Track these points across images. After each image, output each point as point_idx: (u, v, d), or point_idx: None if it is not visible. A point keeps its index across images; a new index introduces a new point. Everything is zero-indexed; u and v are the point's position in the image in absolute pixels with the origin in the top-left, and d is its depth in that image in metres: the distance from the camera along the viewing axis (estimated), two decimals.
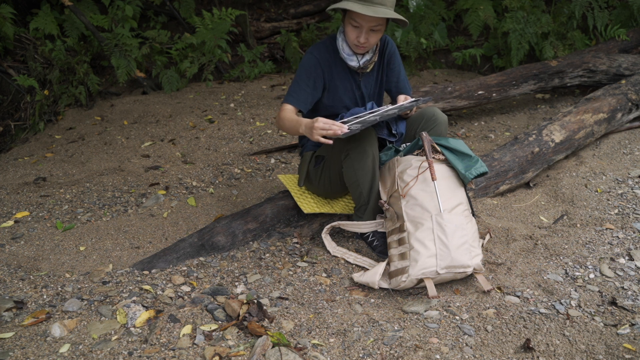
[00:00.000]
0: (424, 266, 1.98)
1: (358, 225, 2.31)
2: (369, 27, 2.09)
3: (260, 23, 5.66)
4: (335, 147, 2.20)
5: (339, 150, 2.19)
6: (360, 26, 2.09)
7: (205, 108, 4.31)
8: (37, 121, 4.32)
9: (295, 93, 2.22)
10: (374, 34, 2.12)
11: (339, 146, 2.18)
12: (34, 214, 2.79)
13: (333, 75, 2.26)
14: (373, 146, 2.15)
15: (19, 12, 4.82)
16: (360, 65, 2.24)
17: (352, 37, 2.14)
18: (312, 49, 2.25)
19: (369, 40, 2.12)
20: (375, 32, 2.12)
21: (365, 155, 2.14)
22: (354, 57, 2.23)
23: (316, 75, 2.22)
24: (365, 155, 2.14)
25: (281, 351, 1.64)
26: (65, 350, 1.71)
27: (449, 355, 1.72)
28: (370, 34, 2.11)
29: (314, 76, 2.22)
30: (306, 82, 2.22)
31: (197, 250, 2.31)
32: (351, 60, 2.23)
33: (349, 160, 2.16)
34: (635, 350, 1.71)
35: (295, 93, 2.21)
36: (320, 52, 2.23)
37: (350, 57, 2.22)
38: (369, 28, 2.09)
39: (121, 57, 4.61)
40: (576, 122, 3.15)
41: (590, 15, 4.53)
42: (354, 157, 2.14)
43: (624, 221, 2.46)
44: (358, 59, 2.23)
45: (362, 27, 2.09)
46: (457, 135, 3.74)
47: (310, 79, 2.22)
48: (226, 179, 3.18)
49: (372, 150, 2.14)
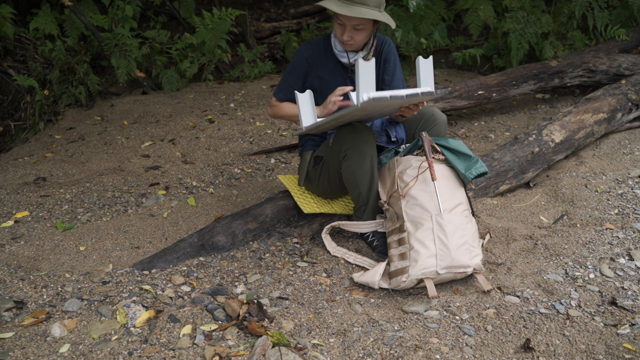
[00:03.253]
0: (424, 266, 1.98)
1: (358, 225, 2.31)
2: (351, 26, 2.12)
3: (260, 23, 5.66)
4: (334, 148, 2.21)
5: (337, 151, 2.20)
6: (344, 24, 2.13)
7: (205, 108, 4.31)
8: (37, 121, 4.32)
9: (284, 88, 2.33)
10: (358, 32, 2.15)
11: (337, 147, 2.19)
12: (34, 214, 2.79)
13: (325, 71, 2.30)
14: (371, 146, 2.16)
15: (19, 12, 4.82)
16: (350, 62, 2.28)
17: (338, 34, 2.19)
18: (302, 47, 2.32)
19: (353, 38, 2.16)
20: (359, 30, 2.14)
21: (363, 155, 2.14)
22: (344, 54, 2.27)
23: (303, 72, 2.30)
24: (363, 155, 2.14)
25: (281, 351, 1.64)
26: (65, 350, 1.71)
27: (449, 355, 1.72)
28: (354, 32, 2.14)
29: (301, 73, 2.30)
30: (294, 78, 2.31)
31: (197, 250, 2.31)
32: (342, 57, 2.28)
33: (347, 160, 2.17)
34: (635, 350, 1.71)
35: (285, 88, 2.32)
36: (309, 50, 2.29)
37: (341, 53, 2.28)
38: (352, 26, 2.12)
39: (121, 57, 4.61)
40: (576, 122, 3.15)
41: (590, 15, 4.53)
42: (352, 157, 2.15)
43: (624, 221, 2.46)
44: (348, 56, 2.27)
45: (345, 26, 2.13)
46: (457, 135, 3.74)
47: (299, 76, 2.31)
48: (226, 179, 3.18)
49: (370, 150, 2.15)
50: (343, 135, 2.17)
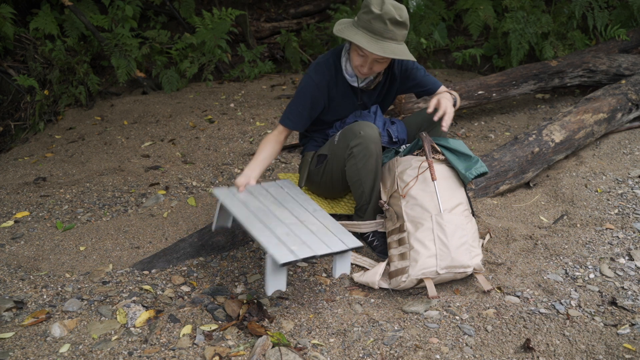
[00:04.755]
0: (424, 266, 1.98)
1: (358, 226, 2.31)
2: (373, 59, 2.05)
3: (260, 23, 5.66)
4: (340, 146, 2.20)
5: (343, 148, 2.18)
6: (365, 56, 2.04)
7: (205, 108, 4.31)
8: (37, 121, 4.32)
9: (291, 115, 2.20)
10: (379, 64, 2.08)
11: (343, 144, 2.17)
12: (34, 214, 2.79)
13: (335, 94, 2.23)
14: (377, 145, 2.13)
15: (19, 12, 4.82)
16: (360, 87, 2.22)
17: (356, 63, 2.10)
18: (312, 71, 2.19)
19: (372, 69, 2.09)
20: (381, 63, 2.07)
21: (369, 153, 2.12)
22: (355, 79, 2.19)
23: (313, 99, 2.19)
24: (369, 153, 2.12)
25: (281, 351, 1.64)
26: (65, 350, 1.71)
27: (449, 355, 1.72)
28: (375, 64, 2.07)
29: (310, 100, 2.18)
30: (303, 105, 2.19)
31: (197, 250, 2.31)
32: (352, 81, 2.20)
33: (353, 158, 2.15)
34: (635, 350, 1.71)
35: (292, 115, 2.20)
36: (319, 75, 2.17)
37: (352, 77, 2.19)
38: (374, 59, 2.05)
39: (121, 57, 4.61)
40: (576, 122, 3.15)
41: (590, 15, 4.53)
42: (358, 155, 2.13)
43: (624, 221, 2.46)
44: (358, 81, 2.20)
45: (367, 58, 2.05)
46: (457, 135, 3.74)
47: (307, 103, 2.18)
48: (226, 179, 3.18)
49: (376, 149, 2.13)
50: (350, 132, 2.14)
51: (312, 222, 2.00)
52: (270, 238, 1.86)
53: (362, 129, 2.11)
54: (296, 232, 1.92)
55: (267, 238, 1.85)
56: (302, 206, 2.10)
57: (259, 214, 1.98)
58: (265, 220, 1.95)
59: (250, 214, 1.98)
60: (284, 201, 2.11)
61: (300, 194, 2.19)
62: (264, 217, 1.97)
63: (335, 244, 1.88)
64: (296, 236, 1.89)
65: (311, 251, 1.81)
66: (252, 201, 2.07)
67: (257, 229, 1.90)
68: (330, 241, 1.89)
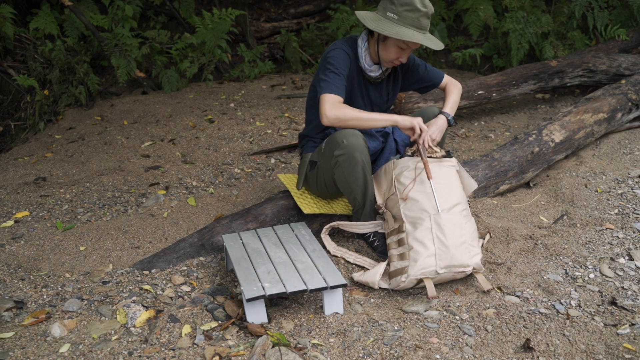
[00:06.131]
0: (423, 266, 1.98)
1: (357, 226, 2.31)
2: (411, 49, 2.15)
3: (260, 23, 5.66)
4: (325, 154, 2.21)
5: (329, 157, 2.19)
6: (408, 48, 2.13)
7: (205, 108, 4.31)
8: (37, 121, 4.32)
9: (335, 82, 2.12)
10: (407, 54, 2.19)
11: (328, 153, 2.19)
12: (34, 214, 2.79)
13: (353, 78, 2.25)
14: (362, 153, 2.13)
15: (19, 12, 4.82)
16: (377, 76, 2.26)
17: (392, 56, 2.16)
18: (341, 44, 2.20)
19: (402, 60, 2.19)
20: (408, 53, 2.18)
21: (355, 162, 2.12)
22: (374, 68, 2.23)
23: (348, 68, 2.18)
24: (355, 162, 2.12)
25: (281, 351, 1.64)
26: (65, 350, 1.71)
27: (449, 355, 1.72)
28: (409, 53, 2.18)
29: (346, 68, 2.17)
30: (341, 71, 2.15)
31: (197, 250, 2.31)
32: (371, 71, 2.24)
33: (339, 167, 2.16)
34: (635, 350, 1.71)
35: (335, 82, 2.12)
36: (349, 48, 2.21)
37: (370, 67, 2.23)
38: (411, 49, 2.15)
39: (121, 57, 4.61)
40: (576, 122, 3.15)
41: (590, 15, 4.52)
42: (344, 164, 2.14)
43: (624, 221, 2.46)
44: (379, 70, 2.25)
45: (408, 50, 2.14)
46: (457, 135, 3.74)
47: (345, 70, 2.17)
48: (226, 179, 3.18)
49: (361, 157, 2.13)
50: (334, 141, 2.15)
51: (303, 261, 2.03)
52: (248, 275, 1.93)
53: (345, 138, 2.11)
54: (279, 270, 1.97)
55: (245, 275, 1.93)
56: (303, 246, 2.14)
57: (253, 255, 2.07)
58: (255, 260, 2.03)
59: (244, 254, 2.07)
60: (286, 242, 2.17)
61: (307, 234, 2.23)
62: (256, 257, 2.06)
63: (315, 281, 1.90)
64: (276, 274, 1.95)
65: (283, 288, 1.86)
66: (254, 243, 2.16)
67: (241, 267, 1.99)
68: (311, 279, 1.91)
